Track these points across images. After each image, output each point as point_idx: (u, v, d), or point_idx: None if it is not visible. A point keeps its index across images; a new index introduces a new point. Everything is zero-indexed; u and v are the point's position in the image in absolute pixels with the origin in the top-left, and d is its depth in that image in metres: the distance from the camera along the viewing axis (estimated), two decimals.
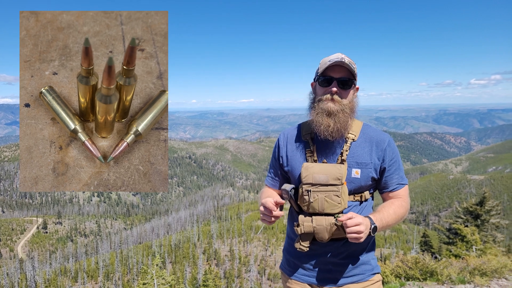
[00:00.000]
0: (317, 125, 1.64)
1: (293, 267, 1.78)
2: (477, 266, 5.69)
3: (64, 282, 47.46)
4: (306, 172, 1.59)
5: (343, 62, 1.60)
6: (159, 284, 17.60)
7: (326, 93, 1.65)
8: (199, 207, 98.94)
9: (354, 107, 1.71)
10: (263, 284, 41.76)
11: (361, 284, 1.69)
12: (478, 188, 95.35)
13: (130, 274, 48.88)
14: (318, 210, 1.57)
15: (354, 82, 1.68)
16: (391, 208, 1.63)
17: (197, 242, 55.83)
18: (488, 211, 12.44)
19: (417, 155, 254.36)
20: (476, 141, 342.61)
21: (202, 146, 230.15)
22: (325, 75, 1.65)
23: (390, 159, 1.68)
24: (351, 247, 1.66)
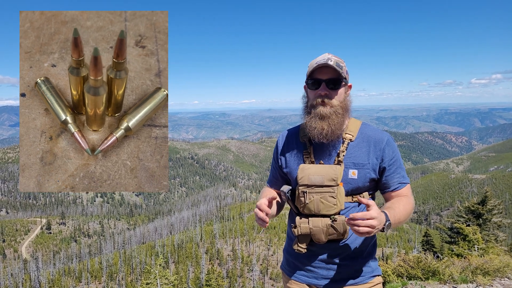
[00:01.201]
0: (310, 129, 1.63)
1: (293, 268, 1.77)
2: (479, 265, 5.61)
3: (68, 282, 47.57)
4: (302, 174, 1.58)
5: (327, 64, 1.58)
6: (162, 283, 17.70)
7: (316, 96, 1.63)
8: (201, 207, 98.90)
9: (348, 106, 1.68)
10: (266, 283, 41.75)
11: (361, 286, 1.67)
12: (479, 187, 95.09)
13: (134, 274, 48.97)
14: (314, 211, 1.56)
15: (344, 81, 1.65)
16: (400, 205, 1.58)
17: (200, 242, 55.86)
18: (490, 210, 12.45)
19: (418, 154, 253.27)
20: (477, 140, 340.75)
21: (205, 147, 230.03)
22: (313, 78, 1.64)
23: (389, 159, 1.64)
24: (350, 249, 1.64)
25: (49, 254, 75.33)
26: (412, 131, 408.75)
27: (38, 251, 79.60)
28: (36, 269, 48.94)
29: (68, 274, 51.00)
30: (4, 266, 58.11)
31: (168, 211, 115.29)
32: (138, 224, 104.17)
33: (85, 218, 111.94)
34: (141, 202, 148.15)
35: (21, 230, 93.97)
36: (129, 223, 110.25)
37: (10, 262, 66.24)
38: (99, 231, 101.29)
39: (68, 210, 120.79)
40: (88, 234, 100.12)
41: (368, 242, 1.71)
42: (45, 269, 53.92)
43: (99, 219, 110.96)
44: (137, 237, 76.40)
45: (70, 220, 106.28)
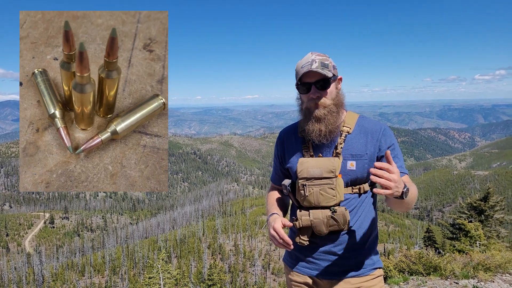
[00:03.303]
0: (309, 132, 1.65)
1: (295, 260, 1.79)
2: (481, 261, 5.62)
3: (71, 276, 47.98)
4: (301, 167, 1.62)
5: (311, 70, 1.59)
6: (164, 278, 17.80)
7: (309, 99, 1.65)
8: (204, 202, 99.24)
9: (341, 101, 1.70)
10: (268, 278, 41.92)
11: (362, 278, 1.68)
12: (482, 184, 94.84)
13: (136, 268, 49.30)
14: (314, 204, 1.59)
15: (333, 78, 1.65)
16: (409, 185, 1.52)
17: (202, 237, 56.10)
18: (492, 207, 12.43)
19: (421, 150, 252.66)
20: (480, 136, 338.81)
21: (207, 142, 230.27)
22: (302, 82, 1.65)
23: (387, 147, 1.65)
24: (352, 241, 1.66)
25: (52, 248, 75.81)
26: (415, 127, 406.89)
27: (42, 245, 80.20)
28: (40, 263, 49.24)
29: (71, 268, 51.40)
30: (7, 260, 58.57)
31: (171, 206, 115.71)
32: (141, 218, 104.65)
33: (88, 212, 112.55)
34: (143, 197, 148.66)
35: (24, 224, 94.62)
36: (132, 217, 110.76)
37: (14, 256, 66.73)
38: (102, 226, 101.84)
39: (71, 204, 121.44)
40: (91, 229, 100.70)
41: (370, 234, 1.72)
42: (48, 263, 54.30)
43: (102, 214, 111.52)
44: (140, 231, 76.83)
45: (73, 215, 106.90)
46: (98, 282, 46.75)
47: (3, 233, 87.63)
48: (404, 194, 1.40)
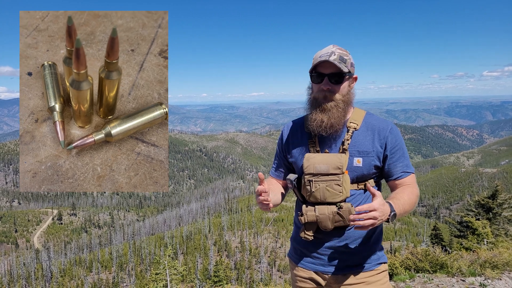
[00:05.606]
0: (311, 121, 1.65)
1: (300, 255, 1.79)
2: (488, 258, 5.56)
3: (79, 271, 48.47)
4: (308, 163, 1.61)
5: (327, 61, 1.57)
6: (171, 274, 17.90)
7: (319, 90, 1.64)
8: (210, 199, 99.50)
9: (350, 99, 1.69)
10: (273, 275, 42.00)
11: (367, 273, 1.68)
12: (490, 181, 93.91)
13: (143, 264, 49.65)
14: (320, 200, 1.58)
15: (348, 75, 1.64)
16: (405, 194, 1.58)
17: (208, 233, 56.30)
18: (500, 204, 12.31)
19: (428, 148, 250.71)
20: (488, 133, 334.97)
21: (213, 139, 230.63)
22: (316, 71, 1.63)
23: (392, 146, 1.64)
24: (357, 236, 1.66)
25: (60, 244, 76.70)
26: (422, 124, 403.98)
27: (50, 241, 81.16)
28: (48, 258, 49.87)
29: (79, 264, 51.91)
30: (17, 256, 59.44)
31: (177, 203, 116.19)
32: (148, 215, 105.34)
33: (96, 209, 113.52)
34: (150, 194, 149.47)
35: (33, 221, 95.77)
36: (139, 214, 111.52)
37: (23, 252, 67.71)
38: (109, 222, 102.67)
39: (79, 201, 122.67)
40: (99, 225, 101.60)
41: (374, 229, 1.71)
42: (57, 258, 54.95)
43: (109, 211, 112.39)
44: (146, 228, 77.26)
45: (81, 211, 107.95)
46: (106, 278, 47.18)
47: (12, 229, 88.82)
48: (390, 219, 1.44)
